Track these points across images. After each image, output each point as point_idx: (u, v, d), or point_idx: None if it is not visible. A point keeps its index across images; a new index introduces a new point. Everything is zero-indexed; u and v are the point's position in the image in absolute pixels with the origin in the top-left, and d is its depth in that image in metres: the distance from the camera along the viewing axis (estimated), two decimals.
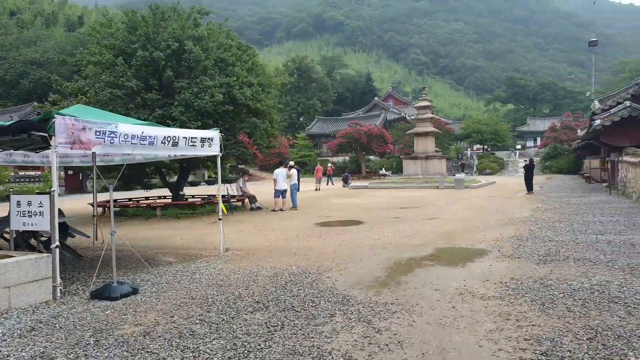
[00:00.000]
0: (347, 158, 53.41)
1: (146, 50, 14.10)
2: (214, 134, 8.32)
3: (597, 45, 50.82)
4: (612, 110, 19.37)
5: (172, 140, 7.32)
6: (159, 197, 18.78)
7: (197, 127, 14.23)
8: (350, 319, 4.77)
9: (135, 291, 5.91)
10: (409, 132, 35.17)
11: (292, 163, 17.68)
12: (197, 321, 4.84)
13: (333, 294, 5.70)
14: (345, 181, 33.05)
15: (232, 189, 17.61)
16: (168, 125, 13.29)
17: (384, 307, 5.12)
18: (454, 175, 30.45)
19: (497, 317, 4.71)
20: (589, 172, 31.36)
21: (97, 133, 6.15)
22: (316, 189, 28.33)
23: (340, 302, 5.34)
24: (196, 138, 7.86)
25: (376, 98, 74.79)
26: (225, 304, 5.40)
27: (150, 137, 6.94)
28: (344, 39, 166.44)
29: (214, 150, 8.31)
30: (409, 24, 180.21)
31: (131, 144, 6.64)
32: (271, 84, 17.05)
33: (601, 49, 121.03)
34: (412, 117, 34.32)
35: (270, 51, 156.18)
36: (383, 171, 48.28)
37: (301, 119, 70.60)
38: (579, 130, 42.05)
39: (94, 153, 6.96)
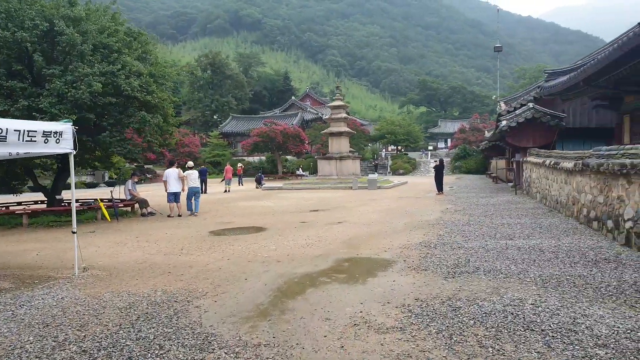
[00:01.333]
0: (263, 158, 51.92)
1: (7, 30, 11.90)
2: (64, 127, 6.69)
3: (502, 50, 53.38)
4: (517, 112, 19.69)
5: None
6: (35, 202, 16.36)
7: (73, 121, 12.30)
8: None
9: None
10: (323, 131, 34.45)
11: (190, 163, 15.97)
12: None
13: (194, 332, 4.41)
14: (259, 182, 31.63)
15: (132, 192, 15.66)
16: (35, 119, 11.30)
17: (253, 352, 3.92)
18: (368, 175, 30.09)
19: None
20: (495, 172, 32.46)
21: None
22: (225, 191, 26.70)
23: (198, 347, 4.06)
24: (35, 132, 6.21)
25: (293, 97, 73.78)
26: (36, 357, 3.92)
27: None
28: (262, 37, 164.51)
29: (64, 147, 6.69)
30: (327, 25, 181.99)
31: None
32: (165, 74, 15.32)
33: (505, 57, 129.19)
34: (327, 117, 33.65)
35: (185, 47, 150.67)
36: (300, 171, 47.35)
37: (215, 117, 67.88)
38: (486, 132, 43.85)
39: None
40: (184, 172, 15.22)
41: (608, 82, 12.66)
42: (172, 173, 14.77)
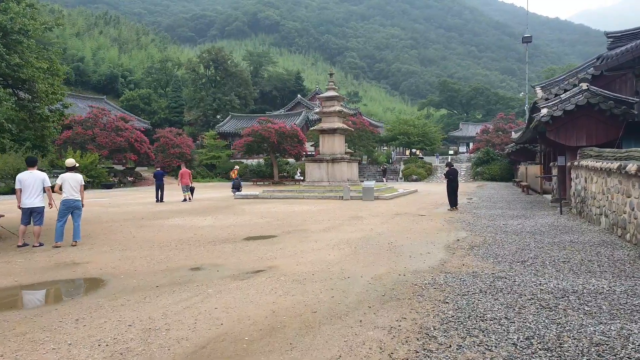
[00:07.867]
0: (261, 161, 46.67)
1: None
2: None
3: (531, 41, 47.10)
4: (563, 96, 13.90)
5: None
6: None
7: None
8: None
9: None
10: (312, 128, 28.93)
11: (70, 161, 10.41)
12: None
13: None
14: (237, 188, 26.28)
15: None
16: None
17: None
18: (363, 182, 24.24)
19: None
20: (525, 180, 26.43)
21: None
22: (184, 200, 21.38)
23: None
24: None
25: (299, 96, 68.29)
26: None
27: None
28: (280, 39, 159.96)
29: None
30: (346, 27, 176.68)
31: None
32: (26, 28, 9.98)
33: (530, 59, 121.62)
34: (317, 110, 28.07)
35: (203, 49, 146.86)
36: (298, 175, 41.90)
37: (218, 117, 62.87)
38: (512, 133, 37.83)
39: None
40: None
41: None
42: (26, 178, 9.44)
